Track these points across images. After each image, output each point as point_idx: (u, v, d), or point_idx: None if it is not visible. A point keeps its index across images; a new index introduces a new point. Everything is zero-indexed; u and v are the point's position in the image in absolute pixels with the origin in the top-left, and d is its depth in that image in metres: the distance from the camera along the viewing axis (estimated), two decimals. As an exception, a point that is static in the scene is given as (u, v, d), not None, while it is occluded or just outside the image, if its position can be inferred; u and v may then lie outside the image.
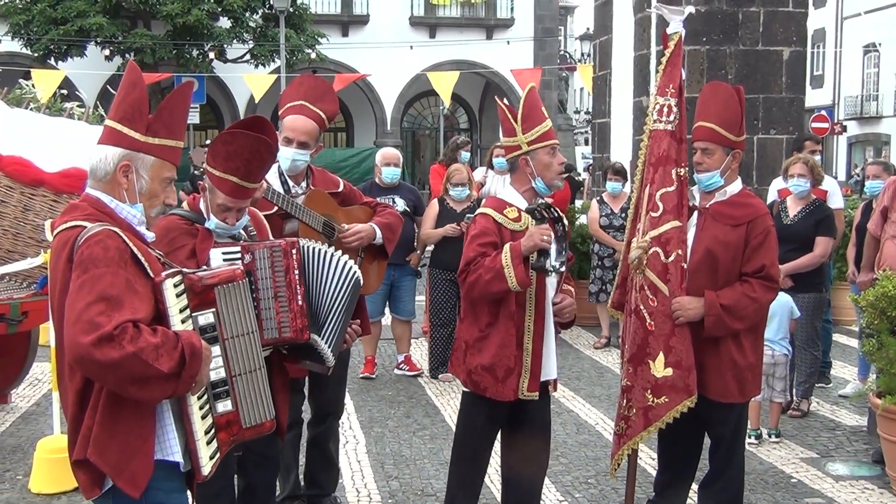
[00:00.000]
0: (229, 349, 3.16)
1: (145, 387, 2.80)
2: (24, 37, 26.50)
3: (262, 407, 3.26)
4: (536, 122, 4.52)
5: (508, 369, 4.46)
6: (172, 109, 3.20)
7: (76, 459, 2.95)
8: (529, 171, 4.52)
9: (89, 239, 2.88)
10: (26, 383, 8.38)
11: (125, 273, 2.86)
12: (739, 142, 4.77)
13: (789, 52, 11.05)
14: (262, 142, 3.83)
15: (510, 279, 4.27)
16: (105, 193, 3.08)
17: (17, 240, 6.98)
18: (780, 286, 4.93)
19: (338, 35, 32.43)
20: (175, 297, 2.97)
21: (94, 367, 2.75)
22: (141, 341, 2.75)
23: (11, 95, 7.36)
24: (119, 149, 3.08)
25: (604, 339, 10.33)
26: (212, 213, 4.03)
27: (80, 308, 2.76)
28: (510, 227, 4.46)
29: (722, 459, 4.87)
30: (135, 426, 2.92)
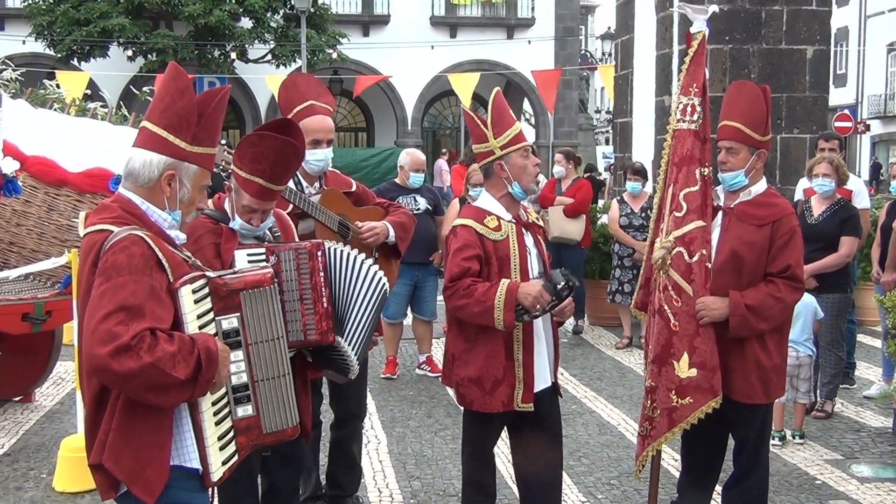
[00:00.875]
0: (253, 354, 3.13)
1: (163, 394, 2.81)
2: (48, 38, 26.70)
3: (285, 413, 3.23)
4: (506, 125, 4.48)
5: (497, 380, 4.43)
6: (215, 119, 3.19)
7: (92, 463, 2.96)
8: (505, 175, 4.48)
9: (115, 245, 2.88)
10: (50, 382, 8.43)
11: (149, 279, 2.86)
12: (765, 141, 4.73)
13: (813, 51, 10.97)
14: (289, 145, 3.83)
15: (497, 321, 4.27)
16: (139, 196, 3.07)
17: (41, 239, 7.03)
18: (805, 286, 4.88)
19: (359, 35, 32.46)
20: (193, 304, 2.96)
21: (111, 377, 2.76)
22: (158, 350, 2.75)
23: (35, 96, 7.40)
24: (164, 157, 3.06)
25: (625, 340, 10.29)
26: (237, 214, 4.03)
27: (99, 318, 2.76)
28: (491, 238, 4.44)
29: (746, 461, 4.83)
30: (151, 433, 2.91)
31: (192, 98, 3.12)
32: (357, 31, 32.55)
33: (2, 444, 6.80)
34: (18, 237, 7.03)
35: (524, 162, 4.48)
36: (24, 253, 7.03)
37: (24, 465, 6.38)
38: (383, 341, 8.93)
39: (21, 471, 6.28)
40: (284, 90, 5.06)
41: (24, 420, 7.44)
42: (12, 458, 6.53)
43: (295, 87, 5.05)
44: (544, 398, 4.59)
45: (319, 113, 4.96)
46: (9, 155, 6.38)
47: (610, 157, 26.44)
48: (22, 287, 7.19)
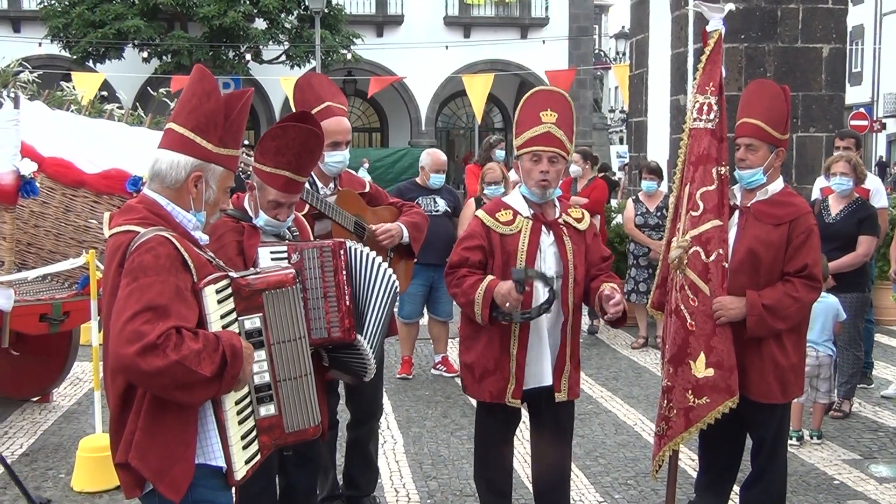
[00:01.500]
0: (275, 354, 3.14)
1: (189, 391, 2.83)
2: (63, 39, 26.86)
3: (307, 413, 3.24)
4: (525, 127, 4.54)
5: (486, 371, 4.53)
6: (240, 121, 3.21)
7: (118, 462, 2.97)
8: (521, 174, 4.58)
9: (141, 246, 2.90)
10: (68, 382, 8.46)
11: (175, 280, 2.88)
12: (783, 140, 4.72)
13: (829, 49, 10.93)
14: (312, 133, 3.88)
15: (477, 314, 4.38)
16: (164, 197, 3.09)
17: (58, 240, 7.06)
18: (823, 286, 4.86)
19: (372, 35, 32.52)
20: (216, 304, 2.97)
21: (138, 376, 2.78)
22: (184, 348, 2.77)
23: (53, 97, 7.44)
24: (192, 158, 3.08)
25: (641, 339, 10.27)
26: (261, 211, 4.06)
27: (126, 318, 2.78)
28: (499, 231, 4.51)
29: (764, 461, 4.81)
30: (177, 432, 2.93)
31: (218, 100, 3.14)
32: (371, 31, 32.61)
33: (20, 444, 6.84)
34: (36, 238, 7.06)
35: (530, 166, 4.51)
36: (42, 254, 7.06)
37: (42, 465, 6.41)
38: (399, 341, 8.94)
39: (39, 470, 6.31)
40: (300, 91, 5.06)
41: (43, 420, 7.48)
42: (31, 457, 6.57)
43: (310, 87, 5.06)
44: (543, 398, 4.60)
45: (336, 114, 4.98)
46: (27, 156, 6.40)
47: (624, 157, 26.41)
48: (40, 288, 7.22)
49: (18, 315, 6.50)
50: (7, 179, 6.25)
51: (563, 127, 4.52)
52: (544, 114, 4.52)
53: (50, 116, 7.15)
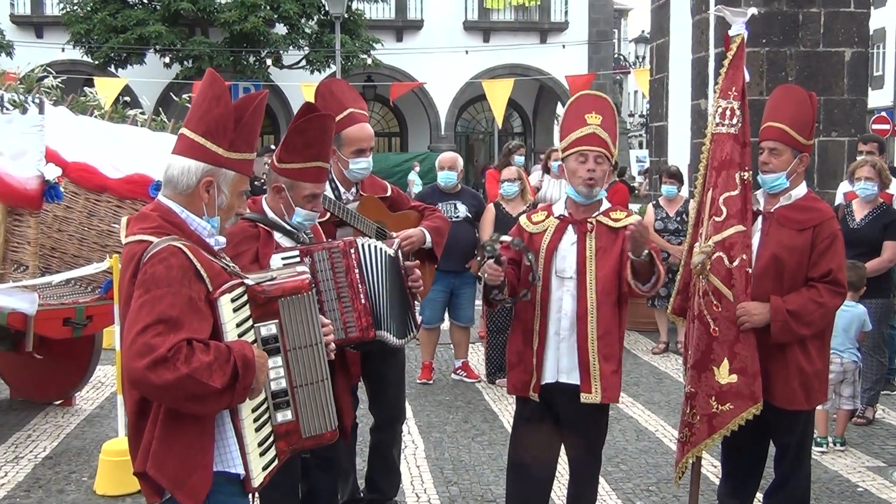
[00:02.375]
0: (292, 360, 3.14)
1: (201, 403, 2.83)
2: (86, 45, 27.02)
3: (324, 417, 3.23)
4: (571, 129, 4.56)
5: (512, 363, 4.67)
6: (253, 124, 3.20)
7: (137, 472, 2.97)
8: (566, 176, 4.61)
9: (153, 257, 2.89)
10: (90, 386, 8.51)
11: (188, 291, 2.87)
12: (808, 145, 4.70)
13: (851, 53, 10.87)
14: (329, 119, 4.04)
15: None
16: (178, 204, 3.08)
17: (82, 245, 7.11)
18: (847, 291, 4.82)
19: (392, 40, 32.54)
20: (232, 312, 2.97)
21: (149, 389, 2.79)
22: (194, 361, 2.76)
23: (76, 103, 7.48)
24: (202, 163, 3.07)
25: (662, 345, 10.23)
26: (297, 208, 4.08)
27: (137, 331, 2.78)
28: (529, 230, 4.63)
29: (788, 468, 4.78)
30: (194, 440, 2.93)
31: (228, 104, 3.12)
32: (391, 36, 32.64)
33: (43, 448, 6.88)
34: (60, 242, 7.11)
35: (576, 166, 4.50)
36: (66, 258, 7.11)
37: (65, 469, 6.44)
38: (419, 346, 8.94)
39: (62, 474, 6.34)
40: (321, 99, 5.05)
41: (65, 423, 7.52)
42: (54, 461, 6.60)
43: (332, 94, 5.05)
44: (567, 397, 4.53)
45: (360, 121, 5.00)
46: (51, 161, 6.45)
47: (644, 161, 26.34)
48: (63, 292, 7.26)
49: (42, 319, 6.55)
50: (32, 184, 6.30)
51: (607, 129, 4.52)
52: (589, 116, 4.53)
53: (74, 122, 7.20)
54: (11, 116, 6.51)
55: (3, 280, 6.51)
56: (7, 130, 6.44)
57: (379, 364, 5.09)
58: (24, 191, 6.33)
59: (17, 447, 6.89)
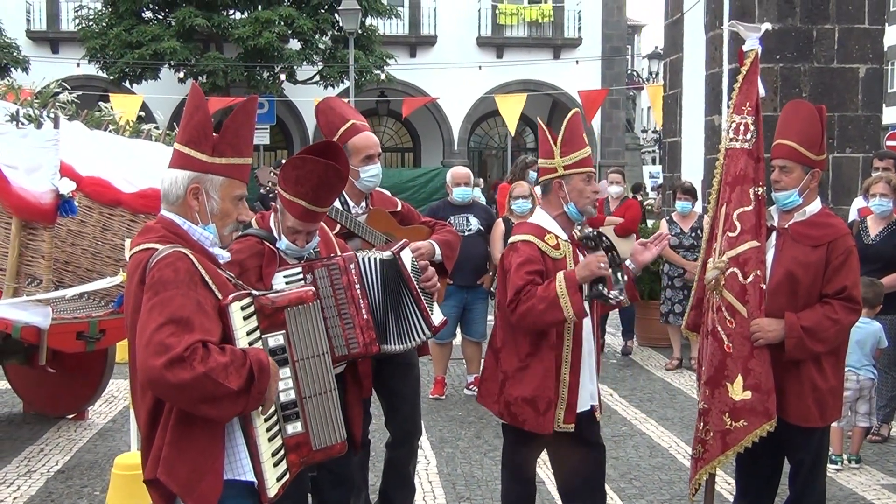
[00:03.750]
0: (300, 371, 3.15)
1: (216, 405, 2.83)
2: (101, 60, 27.16)
3: (332, 429, 3.24)
4: (576, 147, 4.52)
5: (549, 402, 4.44)
6: (237, 127, 3.22)
7: (147, 479, 2.98)
8: (562, 195, 4.52)
9: (160, 261, 2.93)
10: (103, 400, 8.52)
11: (196, 294, 2.90)
12: (819, 161, 4.67)
13: (865, 70, 10.84)
14: (331, 168, 3.85)
15: (566, 309, 4.21)
16: (177, 215, 3.13)
17: (95, 259, 7.12)
18: (861, 308, 4.79)
19: (406, 56, 32.63)
20: (242, 320, 2.99)
21: (165, 389, 2.79)
22: (211, 361, 2.78)
23: (91, 117, 7.52)
24: (188, 171, 3.13)
25: (675, 361, 10.19)
26: (283, 235, 4.07)
27: (151, 330, 2.79)
28: (551, 256, 4.45)
29: (802, 485, 4.74)
30: (205, 446, 2.94)
31: (206, 111, 3.19)
32: (404, 52, 32.73)
33: (56, 462, 6.89)
34: (74, 257, 7.12)
35: (584, 186, 4.49)
36: (79, 272, 7.12)
37: (77, 483, 6.45)
38: (432, 361, 8.92)
39: (75, 488, 6.35)
40: (322, 115, 5.09)
41: (78, 437, 7.53)
42: (66, 475, 6.61)
43: (331, 109, 5.10)
44: (583, 419, 4.57)
45: (363, 130, 5.01)
46: (65, 175, 6.47)
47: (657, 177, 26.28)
48: (77, 306, 7.28)
49: (55, 333, 6.56)
50: (46, 198, 6.32)
51: None
52: (584, 136, 4.62)
53: (88, 136, 7.23)
54: (27, 131, 6.54)
55: (17, 294, 6.53)
56: (22, 145, 6.46)
57: (393, 379, 5.08)
58: (38, 205, 6.35)
59: (30, 461, 6.90)
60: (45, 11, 31.50)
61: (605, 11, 34.46)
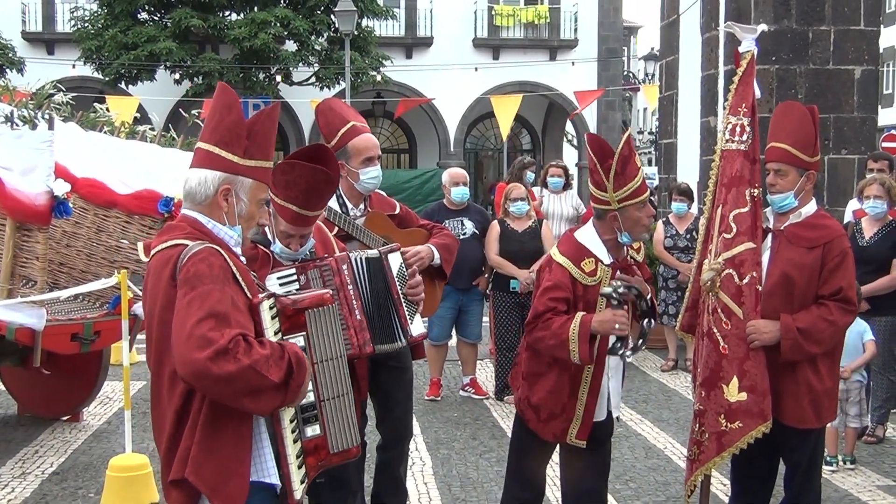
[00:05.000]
0: (318, 373, 3.12)
1: (258, 398, 2.82)
2: (96, 62, 27.14)
3: (349, 432, 3.21)
4: (629, 178, 4.35)
5: (552, 414, 4.46)
6: (266, 132, 3.19)
7: (172, 479, 2.94)
8: (617, 225, 4.41)
9: (193, 256, 2.90)
10: (97, 402, 8.51)
11: (230, 290, 2.89)
12: (813, 162, 4.67)
13: (861, 71, 10.86)
14: (319, 172, 3.83)
15: (573, 353, 4.21)
16: (202, 215, 3.09)
17: (90, 260, 7.11)
18: (858, 309, 4.80)
19: (402, 57, 32.60)
20: (270, 319, 2.98)
21: (210, 382, 2.76)
22: (254, 353, 2.78)
23: (86, 118, 7.51)
24: (219, 172, 3.08)
25: (671, 362, 10.20)
26: (276, 238, 4.06)
27: (192, 324, 2.77)
28: (584, 283, 4.37)
29: (798, 487, 4.73)
30: (233, 447, 2.92)
31: (239, 112, 3.14)
32: (400, 53, 32.71)
33: (51, 463, 6.87)
34: (68, 258, 7.12)
35: (639, 215, 4.39)
36: (74, 273, 7.11)
37: (72, 484, 6.43)
38: (427, 363, 8.91)
39: (69, 490, 6.33)
40: (322, 116, 5.08)
41: (73, 439, 7.51)
42: (61, 476, 6.60)
43: (331, 110, 5.08)
44: (596, 428, 4.56)
45: (363, 132, 4.99)
46: (60, 177, 6.47)
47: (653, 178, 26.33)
48: (71, 307, 7.27)
49: (50, 334, 6.55)
50: (41, 200, 6.32)
51: None
52: (637, 160, 4.46)
53: (83, 137, 7.23)
54: (21, 132, 6.53)
55: (11, 295, 6.52)
56: (17, 146, 6.46)
57: (387, 382, 5.07)
58: (33, 206, 6.34)
59: (25, 463, 6.88)
60: (41, 12, 31.43)
61: (602, 13, 34.46)
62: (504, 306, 8.72)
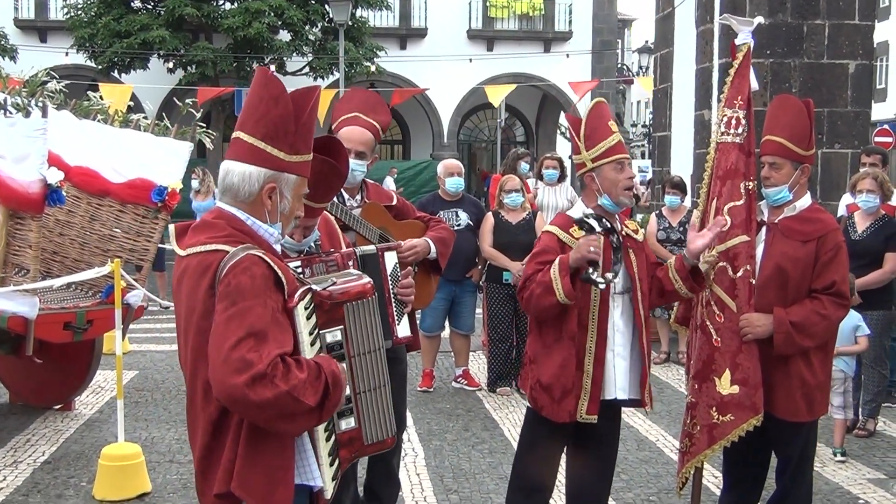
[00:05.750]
0: (355, 366, 3.04)
1: (293, 421, 2.74)
2: (89, 50, 27.06)
3: (384, 423, 3.15)
4: (601, 137, 4.44)
5: (565, 390, 4.43)
6: (311, 123, 3.06)
7: (218, 493, 2.85)
8: (595, 187, 4.46)
9: (235, 267, 2.77)
10: (89, 391, 8.49)
11: (272, 302, 2.77)
12: (808, 156, 4.67)
13: (855, 66, 10.87)
14: (326, 164, 3.76)
15: (558, 292, 4.24)
16: (241, 211, 2.96)
17: (83, 249, 7.11)
18: (851, 303, 4.81)
19: (396, 48, 32.59)
20: (305, 320, 2.88)
21: (246, 407, 2.68)
22: (292, 378, 2.68)
23: (79, 107, 7.48)
24: (264, 169, 2.95)
25: (663, 355, 10.21)
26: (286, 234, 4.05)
27: (231, 345, 2.66)
28: (572, 246, 4.38)
29: (789, 480, 4.75)
30: (277, 456, 2.84)
31: (288, 106, 2.97)
32: (394, 44, 32.68)
33: (42, 452, 6.87)
34: (61, 247, 7.11)
35: (616, 175, 4.43)
36: (67, 262, 7.10)
37: (64, 473, 6.43)
38: (420, 354, 8.92)
39: (61, 478, 6.33)
40: (340, 101, 5.16)
41: (65, 428, 7.50)
42: (52, 465, 6.59)
43: (350, 100, 5.14)
44: (607, 414, 4.54)
45: (357, 125, 4.98)
46: (53, 165, 6.45)
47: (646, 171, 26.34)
48: (64, 296, 7.26)
49: (43, 323, 6.54)
50: (34, 188, 6.30)
51: None
52: (611, 123, 4.51)
53: (76, 126, 7.21)
54: (14, 120, 6.51)
55: (4, 283, 6.51)
56: (10, 134, 6.44)
57: None
58: (26, 194, 6.33)
59: (16, 451, 6.87)
60: (34, 0, 31.33)
61: (596, 5, 34.49)
62: (497, 298, 8.73)
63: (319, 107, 4.61)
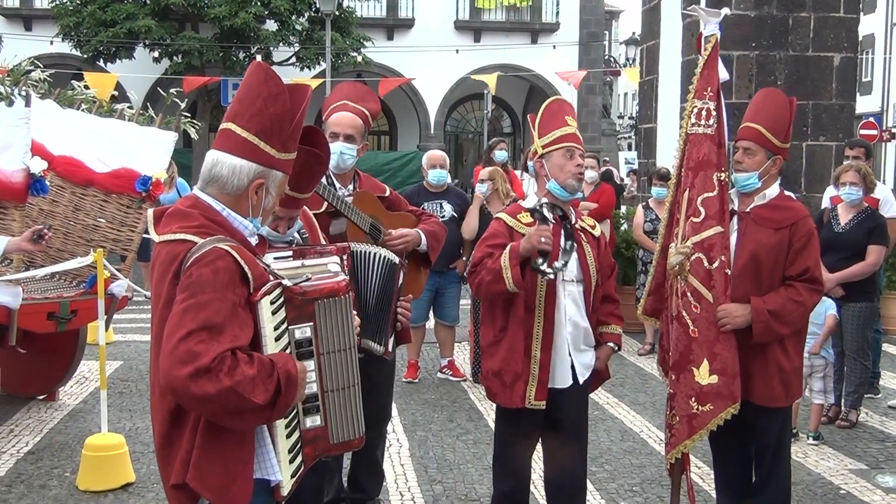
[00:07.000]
0: (324, 364, 3.00)
1: (240, 418, 2.73)
2: (74, 38, 26.87)
3: (352, 424, 3.11)
4: (553, 127, 4.58)
5: (516, 375, 4.49)
6: (302, 121, 3.07)
7: (175, 483, 2.84)
8: (544, 173, 4.58)
9: (199, 259, 2.76)
10: (73, 381, 8.48)
11: (232, 296, 2.76)
12: (782, 149, 4.72)
13: (840, 59, 10.92)
14: (310, 154, 3.77)
15: (507, 280, 4.32)
16: (220, 202, 2.95)
17: (67, 239, 7.09)
18: (825, 290, 4.86)
19: (383, 39, 32.49)
20: (271, 315, 2.86)
21: (187, 400, 2.68)
22: (237, 374, 2.66)
23: (63, 96, 7.45)
24: (255, 164, 2.94)
25: (647, 346, 10.25)
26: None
27: (181, 336, 2.66)
28: (521, 232, 4.49)
29: (768, 468, 4.78)
30: (235, 449, 2.82)
31: (285, 105, 2.97)
32: (381, 34, 32.58)
33: (26, 443, 6.85)
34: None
35: (564, 161, 4.51)
36: (51, 252, 7.08)
37: (47, 464, 6.42)
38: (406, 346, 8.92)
39: (45, 469, 6.32)
40: (331, 93, 5.22)
41: (48, 418, 7.49)
42: (36, 455, 6.58)
43: (340, 90, 5.19)
44: (564, 399, 4.58)
45: (347, 111, 5.01)
46: (37, 154, 6.43)
47: (632, 163, 26.41)
48: (48, 286, 7.25)
49: (26, 313, 6.53)
50: (17, 177, 6.28)
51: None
52: (568, 118, 4.62)
53: (60, 115, 7.18)
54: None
55: (-13, 273, 6.49)
56: (-7, 123, 6.41)
57: (368, 365, 5.06)
58: (9, 184, 6.31)
59: (0, 442, 6.86)
60: (19, -12, 31.17)
61: (583, -4, 34.47)
62: (482, 288, 8.72)
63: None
